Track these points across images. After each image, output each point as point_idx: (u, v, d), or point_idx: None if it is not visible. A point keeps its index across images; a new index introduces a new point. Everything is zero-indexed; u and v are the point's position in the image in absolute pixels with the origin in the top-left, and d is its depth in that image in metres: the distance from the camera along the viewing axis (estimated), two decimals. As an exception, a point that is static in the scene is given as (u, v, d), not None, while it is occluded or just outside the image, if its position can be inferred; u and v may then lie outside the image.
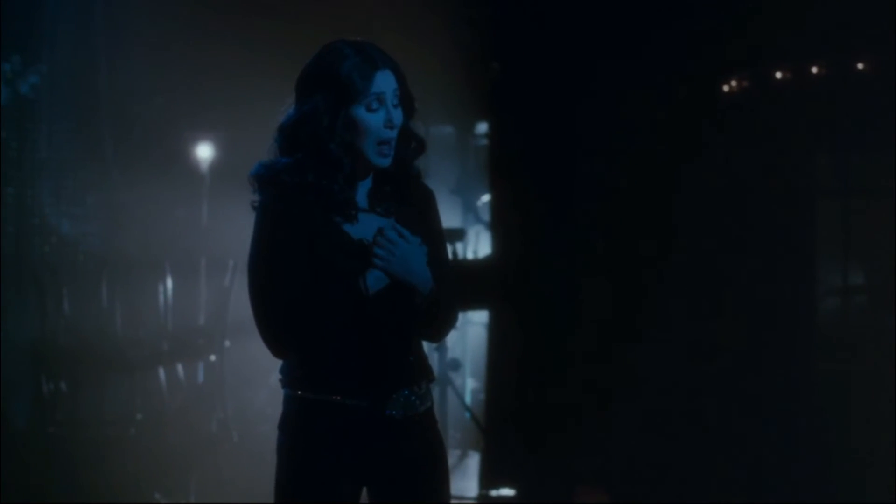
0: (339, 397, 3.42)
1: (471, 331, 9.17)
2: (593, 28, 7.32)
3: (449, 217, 8.89)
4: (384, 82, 3.42)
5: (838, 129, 7.13)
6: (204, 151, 8.01)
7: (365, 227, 3.47)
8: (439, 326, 3.56)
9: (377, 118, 3.42)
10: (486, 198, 8.56)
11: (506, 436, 7.68)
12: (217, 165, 7.96)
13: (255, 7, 7.57)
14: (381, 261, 3.37)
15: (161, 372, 7.74)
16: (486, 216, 8.51)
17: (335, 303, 3.38)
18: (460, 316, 8.86)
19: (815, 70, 7.12)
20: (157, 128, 7.81)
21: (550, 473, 7.40)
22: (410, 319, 3.47)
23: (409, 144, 3.53)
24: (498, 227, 7.89)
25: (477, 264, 8.51)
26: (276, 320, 3.39)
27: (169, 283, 7.84)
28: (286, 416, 3.50)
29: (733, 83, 7.31)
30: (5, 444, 6.98)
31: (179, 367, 7.82)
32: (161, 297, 7.83)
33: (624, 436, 7.26)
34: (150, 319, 7.80)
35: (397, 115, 3.45)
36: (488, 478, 7.81)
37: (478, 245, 9.02)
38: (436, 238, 3.57)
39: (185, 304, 7.89)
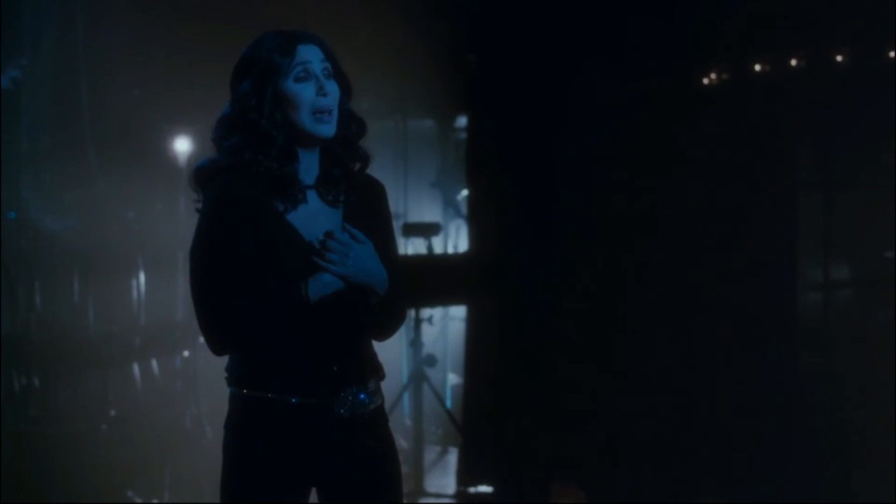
0: (285, 396, 3.37)
1: (452, 326, 9.12)
2: (571, 20, 7.26)
3: (429, 211, 8.86)
4: (308, 53, 3.39)
5: (818, 122, 7.08)
6: (182, 145, 7.97)
7: (314, 220, 3.42)
8: (390, 325, 3.51)
9: (307, 87, 3.37)
10: (465, 192, 8.51)
11: (483, 432, 7.63)
12: (195, 159, 7.88)
13: (234, 1, 7.53)
14: (336, 266, 3.32)
15: (135, 367, 7.70)
16: (466, 210, 8.46)
17: (276, 307, 3.32)
18: (440, 311, 8.90)
19: (794, 62, 7.06)
20: (136, 121, 7.76)
21: (527, 471, 7.36)
22: (358, 318, 3.41)
23: (351, 126, 3.47)
24: (475, 222, 7.83)
25: (455, 259, 8.46)
26: (217, 321, 3.34)
27: (142, 277, 7.80)
28: (231, 415, 3.47)
29: (713, 76, 7.25)
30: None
31: (153, 363, 7.78)
32: (135, 292, 7.79)
33: (602, 433, 7.21)
34: (125, 314, 7.76)
35: (330, 85, 3.39)
36: (466, 474, 7.76)
37: (458, 239, 8.98)
38: (386, 233, 3.52)
39: (161, 299, 7.85)
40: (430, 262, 8.06)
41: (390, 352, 3.64)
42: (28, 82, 7.67)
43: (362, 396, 3.44)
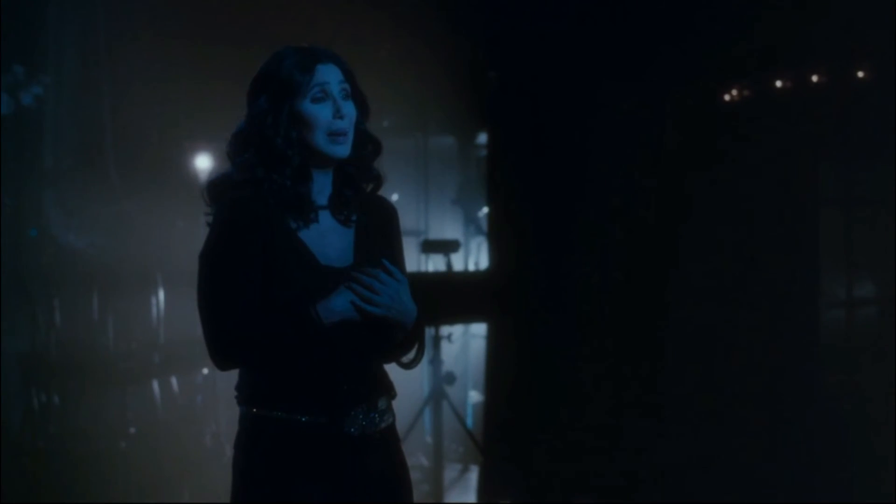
0: (294, 415, 3.34)
1: (473, 343, 9.11)
2: (591, 37, 7.25)
3: (450, 228, 8.85)
4: (327, 73, 3.36)
5: (840, 138, 7.04)
6: (203, 163, 7.99)
7: (325, 238, 3.40)
8: (416, 357, 3.49)
9: (324, 109, 3.35)
10: (486, 209, 8.50)
11: (504, 450, 7.60)
12: (214, 177, 7.89)
13: (255, 19, 7.54)
14: (378, 308, 3.30)
15: (154, 385, 7.70)
16: (486, 227, 8.45)
17: (284, 327, 3.29)
18: (461, 329, 8.88)
19: (815, 79, 7.03)
20: (157, 139, 7.78)
21: (548, 489, 7.33)
22: (367, 337, 3.38)
23: (366, 147, 3.45)
24: (496, 239, 7.81)
25: (475, 276, 8.44)
26: (221, 335, 3.30)
27: (161, 294, 7.80)
28: (241, 434, 3.42)
29: (734, 92, 7.22)
30: (-3, 457, 6.96)
31: (173, 381, 7.78)
32: (154, 310, 7.80)
33: (624, 451, 7.17)
34: (144, 332, 7.76)
35: (347, 107, 3.37)
36: (486, 492, 7.73)
37: (479, 256, 8.97)
38: (399, 258, 3.51)
39: (180, 316, 7.84)
40: (450, 280, 8.05)
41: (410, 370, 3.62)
42: (51, 100, 7.69)
43: (373, 415, 3.41)
